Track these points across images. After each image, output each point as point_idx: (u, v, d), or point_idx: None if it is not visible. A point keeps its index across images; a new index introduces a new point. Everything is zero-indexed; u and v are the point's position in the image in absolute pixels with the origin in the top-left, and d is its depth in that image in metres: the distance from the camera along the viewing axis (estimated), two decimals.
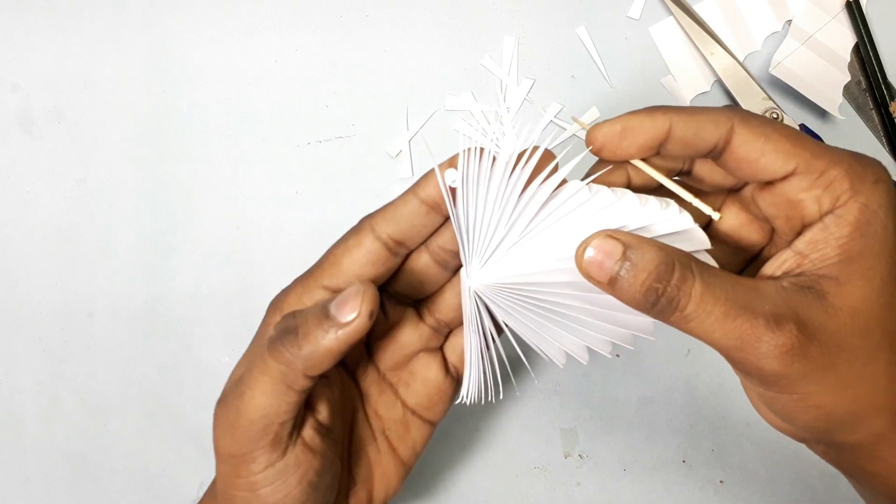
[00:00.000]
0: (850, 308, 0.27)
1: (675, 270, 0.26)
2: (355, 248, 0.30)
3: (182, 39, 0.48)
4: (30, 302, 0.47)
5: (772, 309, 0.26)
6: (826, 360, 0.26)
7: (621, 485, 0.45)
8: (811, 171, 0.27)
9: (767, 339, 0.26)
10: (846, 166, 0.27)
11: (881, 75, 0.45)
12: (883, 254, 0.27)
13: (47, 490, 0.47)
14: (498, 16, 0.47)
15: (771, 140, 0.27)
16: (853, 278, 0.27)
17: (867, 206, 0.26)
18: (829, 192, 0.27)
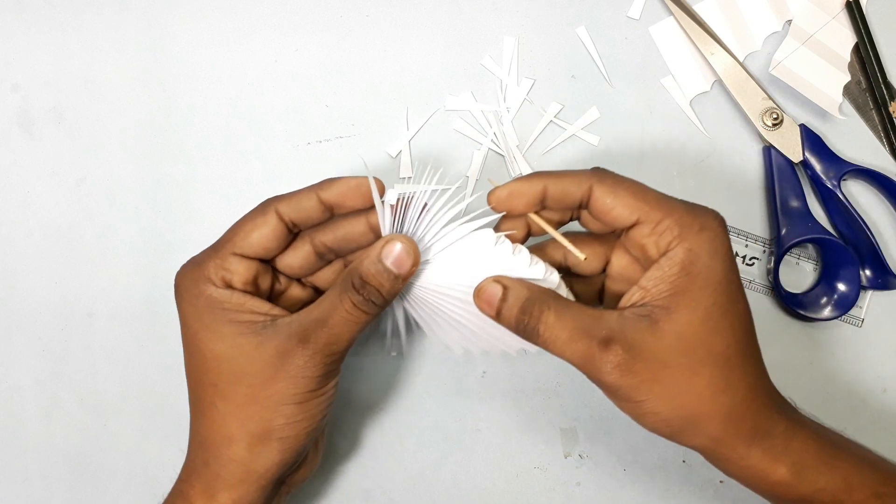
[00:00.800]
0: (676, 332, 0.33)
1: (535, 306, 0.35)
2: (263, 224, 0.37)
3: (182, 39, 0.48)
4: (30, 302, 0.47)
5: (606, 334, 0.33)
6: (651, 374, 0.33)
7: (621, 485, 0.45)
8: (650, 221, 0.34)
9: (599, 357, 0.33)
10: (677, 216, 0.34)
11: (881, 75, 0.46)
12: (706, 288, 0.33)
13: (47, 490, 0.47)
14: (498, 16, 0.47)
15: (619, 196, 0.35)
16: (680, 308, 0.33)
17: (691, 250, 0.33)
18: (663, 238, 0.34)
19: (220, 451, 0.36)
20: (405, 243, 0.36)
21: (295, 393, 0.35)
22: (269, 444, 0.36)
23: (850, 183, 0.46)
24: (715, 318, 0.33)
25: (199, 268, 0.36)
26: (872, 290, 0.46)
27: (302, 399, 0.36)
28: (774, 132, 0.45)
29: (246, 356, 0.35)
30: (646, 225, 0.34)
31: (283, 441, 0.36)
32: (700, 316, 0.33)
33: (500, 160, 0.47)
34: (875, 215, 0.46)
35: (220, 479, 0.36)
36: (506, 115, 0.47)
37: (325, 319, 0.35)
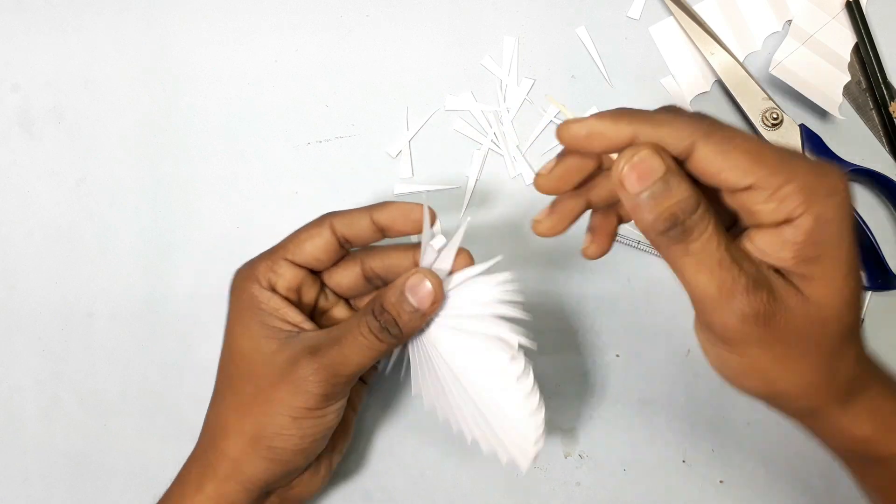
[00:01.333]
0: (816, 301, 0.29)
1: (699, 208, 0.29)
2: (317, 236, 0.38)
3: (182, 39, 0.48)
4: (30, 302, 0.47)
5: (755, 275, 0.29)
6: (782, 335, 0.30)
7: (621, 485, 0.45)
8: (767, 187, 0.28)
9: (742, 297, 0.29)
10: (800, 182, 0.28)
11: (881, 75, 0.45)
12: (839, 258, 0.29)
13: (47, 490, 0.47)
14: (498, 16, 0.47)
15: (730, 157, 0.29)
16: (817, 278, 0.29)
17: (820, 217, 0.29)
18: (784, 205, 0.29)
19: (216, 442, 0.38)
20: (431, 279, 0.35)
21: (292, 405, 0.36)
22: (258, 449, 0.36)
23: (849, 183, 0.46)
24: (846, 292, 0.29)
25: (252, 267, 0.38)
26: (872, 290, 0.45)
27: (297, 414, 0.36)
28: (774, 132, 0.45)
29: (262, 358, 0.36)
30: (762, 191, 0.28)
31: (271, 450, 0.36)
32: (836, 289, 0.29)
33: (500, 160, 0.47)
34: (875, 215, 0.46)
35: (210, 469, 0.37)
36: (506, 115, 0.47)
37: (339, 338, 0.36)
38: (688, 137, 0.29)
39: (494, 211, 0.46)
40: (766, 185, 0.28)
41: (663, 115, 0.30)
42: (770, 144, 0.30)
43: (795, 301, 0.29)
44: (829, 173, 0.29)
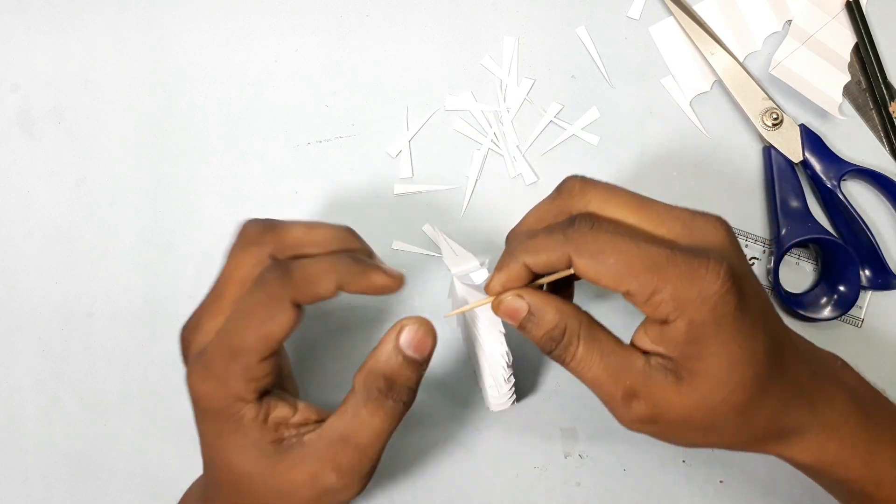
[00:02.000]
0: (699, 394, 0.31)
1: (563, 336, 0.32)
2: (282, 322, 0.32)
3: (182, 39, 0.48)
4: (30, 302, 0.47)
5: (632, 385, 0.32)
6: (671, 429, 0.33)
7: (621, 485, 0.45)
8: (641, 294, 0.30)
9: (623, 406, 0.32)
10: (672, 288, 0.30)
11: (881, 75, 0.45)
12: (723, 354, 0.31)
13: (47, 490, 0.47)
14: (498, 16, 0.47)
15: (601, 270, 0.31)
16: (699, 372, 0.31)
17: (693, 322, 0.30)
18: (659, 310, 0.31)
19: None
20: (421, 323, 0.33)
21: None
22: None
23: (850, 183, 0.46)
24: (735, 377, 0.31)
25: (225, 385, 0.32)
26: (872, 290, 0.46)
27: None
28: (774, 132, 0.45)
29: (277, 477, 0.33)
30: (636, 296, 0.31)
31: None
32: (721, 380, 0.31)
33: (500, 160, 0.47)
34: (875, 215, 0.46)
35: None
36: (506, 115, 0.47)
37: (353, 438, 0.32)
38: (563, 256, 0.31)
39: (494, 211, 0.46)
40: (639, 292, 0.30)
41: (543, 240, 0.32)
42: (643, 245, 0.30)
43: (678, 398, 0.31)
44: (701, 274, 0.30)
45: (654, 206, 0.32)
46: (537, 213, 0.35)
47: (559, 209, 0.33)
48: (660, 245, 0.30)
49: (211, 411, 0.33)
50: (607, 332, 0.33)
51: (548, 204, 0.34)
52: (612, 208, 0.32)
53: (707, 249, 0.31)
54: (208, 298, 0.35)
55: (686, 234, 0.31)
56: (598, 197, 0.32)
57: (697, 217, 0.32)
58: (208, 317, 0.34)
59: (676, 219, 0.32)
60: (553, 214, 0.34)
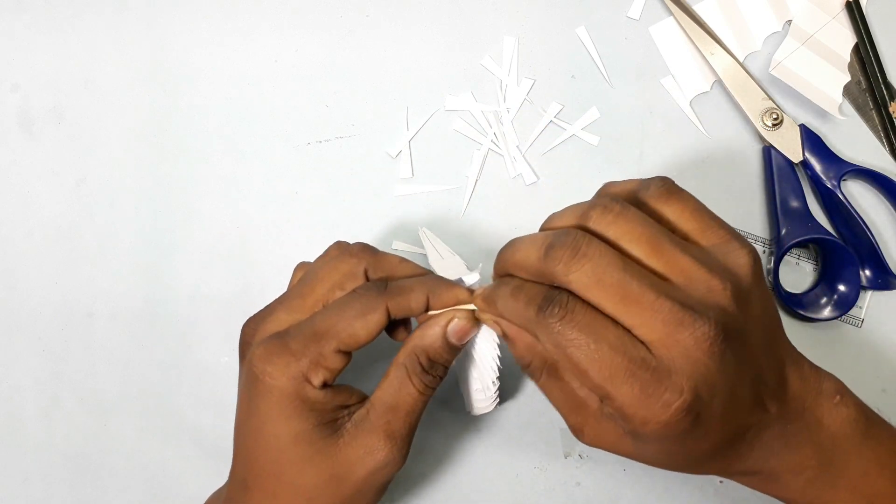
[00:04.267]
0: (651, 450, 0.33)
1: (528, 367, 0.35)
2: (372, 322, 0.34)
3: (182, 39, 0.48)
4: (30, 302, 0.47)
5: (583, 423, 0.34)
6: (625, 455, 0.34)
7: (621, 485, 0.45)
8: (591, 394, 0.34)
9: (575, 434, 0.35)
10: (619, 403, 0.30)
11: (881, 75, 0.45)
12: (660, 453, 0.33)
13: (47, 490, 0.47)
14: (498, 16, 0.47)
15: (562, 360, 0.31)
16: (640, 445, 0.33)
17: (635, 432, 0.31)
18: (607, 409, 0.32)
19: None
20: (469, 317, 0.36)
21: (380, 484, 0.35)
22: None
23: (850, 183, 0.46)
24: (674, 458, 0.33)
25: (296, 362, 0.34)
26: (872, 290, 0.45)
27: (383, 488, 0.36)
28: (774, 132, 0.45)
29: (330, 459, 0.34)
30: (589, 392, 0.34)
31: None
32: (660, 455, 0.33)
33: (500, 160, 0.47)
34: (875, 215, 0.46)
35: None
36: (506, 115, 0.47)
37: (399, 406, 0.35)
38: (531, 330, 0.33)
39: (494, 211, 0.46)
40: (589, 393, 0.34)
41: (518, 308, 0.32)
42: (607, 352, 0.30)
43: (624, 446, 0.33)
44: (650, 404, 0.29)
45: (641, 301, 0.30)
46: (526, 254, 0.33)
47: (543, 272, 0.32)
48: (624, 355, 0.29)
49: (275, 389, 0.34)
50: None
51: (535, 256, 0.32)
52: (592, 295, 0.30)
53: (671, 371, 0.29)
54: (290, 294, 0.37)
55: (664, 341, 0.30)
56: (580, 281, 0.30)
57: (686, 323, 0.29)
58: (286, 310, 0.36)
59: (661, 322, 0.29)
60: (537, 271, 0.32)
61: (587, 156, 0.47)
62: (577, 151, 0.47)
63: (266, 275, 0.46)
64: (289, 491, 0.34)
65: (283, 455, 0.34)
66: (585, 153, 0.47)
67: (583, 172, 0.47)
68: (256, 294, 0.46)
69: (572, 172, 0.46)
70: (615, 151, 0.47)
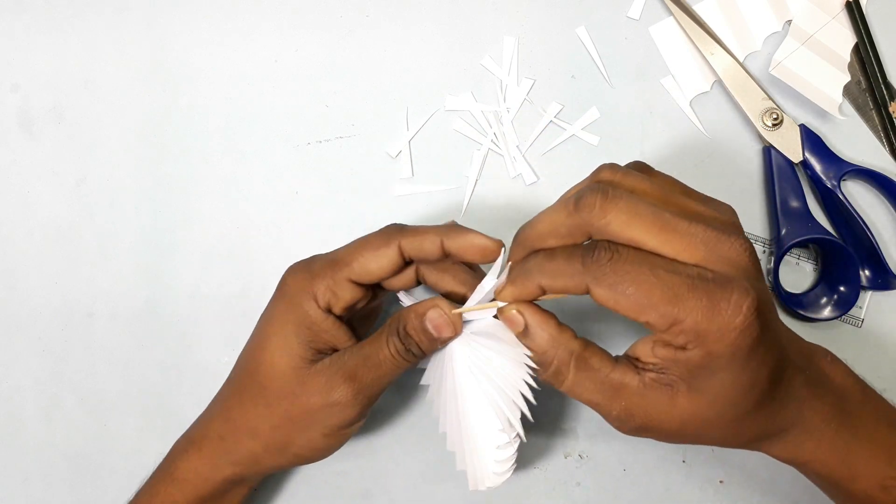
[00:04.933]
0: (693, 411, 0.32)
1: (552, 364, 0.34)
2: (384, 256, 0.37)
3: (182, 39, 0.48)
4: (30, 302, 0.47)
5: (626, 406, 0.33)
6: (665, 437, 0.34)
7: (621, 485, 0.45)
8: (660, 325, 0.30)
9: (617, 423, 0.34)
10: (690, 322, 0.30)
11: (881, 75, 0.45)
12: (724, 382, 0.31)
13: (47, 490, 0.47)
14: (498, 16, 0.47)
15: (620, 301, 0.31)
16: (698, 391, 0.32)
17: (709, 353, 0.30)
18: (676, 339, 0.31)
19: (240, 437, 0.38)
20: (447, 313, 0.36)
21: (327, 425, 0.37)
22: (283, 454, 0.38)
23: (849, 183, 0.46)
24: (736, 397, 0.32)
25: (310, 279, 0.37)
26: (872, 290, 0.45)
27: (331, 432, 0.37)
28: (774, 132, 0.45)
29: (300, 380, 0.37)
30: (656, 327, 0.31)
31: (296, 457, 0.39)
32: (722, 398, 0.32)
33: (500, 160, 0.47)
34: (875, 215, 0.46)
35: (228, 455, 0.39)
36: (506, 115, 0.47)
37: (371, 358, 0.37)
38: (581, 285, 0.32)
39: (494, 211, 0.46)
40: (657, 324, 0.30)
41: (560, 266, 0.32)
42: (663, 276, 0.30)
43: (672, 411, 0.32)
44: (723, 311, 0.29)
45: (677, 228, 0.30)
46: (552, 220, 0.33)
47: (577, 225, 0.32)
48: (680, 274, 0.30)
49: (287, 295, 0.37)
50: (601, 356, 0.34)
51: (565, 215, 0.32)
52: (632, 231, 0.31)
53: (730, 277, 0.30)
54: (329, 253, 0.38)
55: (709, 259, 0.30)
56: (618, 219, 0.31)
57: (722, 239, 0.31)
58: (320, 262, 0.38)
59: (700, 242, 0.30)
60: (569, 229, 0.32)
61: (587, 156, 0.47)
62: (577, 151, 0.47)
63: (266, 275, 0.46)
64: (255, 389, 0.38)
65: (269, 357, 0.37)
66: (585, 153, 0.47)
67: (583, 172, 0.46)
68: (256, 294, 0.46)
69: (572, 172, 0.46)
70: (615, 151, 0.47)
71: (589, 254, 0.31)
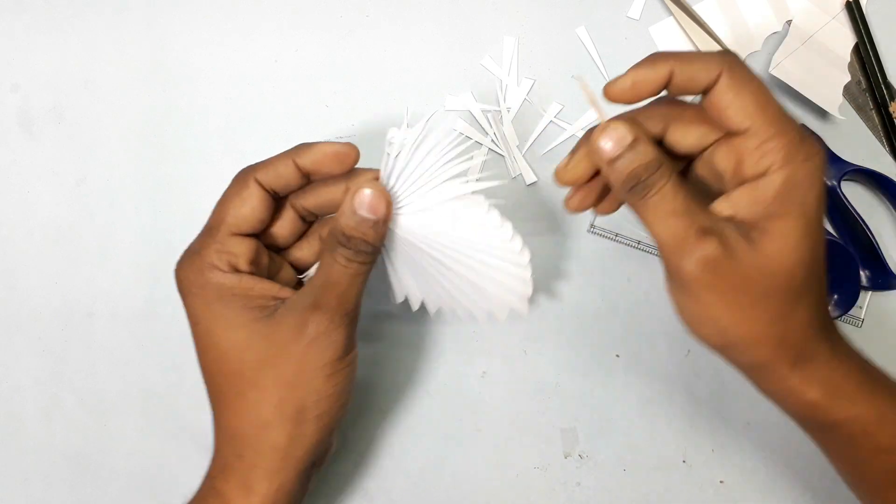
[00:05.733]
0: (767, 255, 0.32)
1: (659, 168, 0.33)
2: (249, 197, 0.36)
3: (182, 39, 0.48)
4: (30, 302, 0.47)
5: (708, 225, 0.32)
6: (732, 282, 0.32)
7: (621, 485, 0.45)
8: (759, 135, 0.32)
9: (693, 243, 0.32)
10: (787, 139, 0.32)
11: (881, 75, 0.45)
12: (800, 219, 0.32)
13: (47, 490, 0.47)
14: (498, 16, 0.47)
15: (740, 96, 0.32)
16: (773, 233, 0.32)
17: (791, 179, 0.32)
18: (766, 158, 0.32)
19: (256, 441, 0.36)
20: (373, 188, 0.35)
21: (322, 364, 0.35)
22: (305, 425, 0.36)
23: (849, 183, 0.46)
24: (801, 249, 0.32)
25: (200, 256, 0.36)
26: (872, 290, 0.45)
27: (329, 370, 0.35)
28: None
29: (266, 340, 0.35)
30: (754, 137, 0.32)
31: (318, 419, 0.36)
32: (790, 245, 0.32)
33: (500, 160, 0.47)
34: (875, 215, 0.46)
35: (257, 470, 0.36)
36: (506, 115, 0.47)
37: (327, 282, 0.35)
38: (716, 68, 0.32)
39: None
40: (758, 132, 0.32)
41: (693, 53, 0.33)
42: (775, 101, 0.32)
43: (745, 251, 0.32)
44: (810, 141, 0.32)
45: (777, 106, 0.33)
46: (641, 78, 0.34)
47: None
48: (785, 112, 0.33)
49: (194, 287, 0.36)
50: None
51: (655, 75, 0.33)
52: (743, 97, 0.33)
53: None
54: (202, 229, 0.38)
55: (799, 136, 0.33)
56: (740, 70, 0.33)
57: (806, 132, 0.34)
58: (196, 240, 0.38)
59: (793, 124, 0.33)
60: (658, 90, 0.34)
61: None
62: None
63: None
64: (233, 386, 0.36)
65: (223, 344, 0.36)
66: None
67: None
68: None
69: None
70: None
71: (728, 52, 0.33)
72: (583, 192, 0.37)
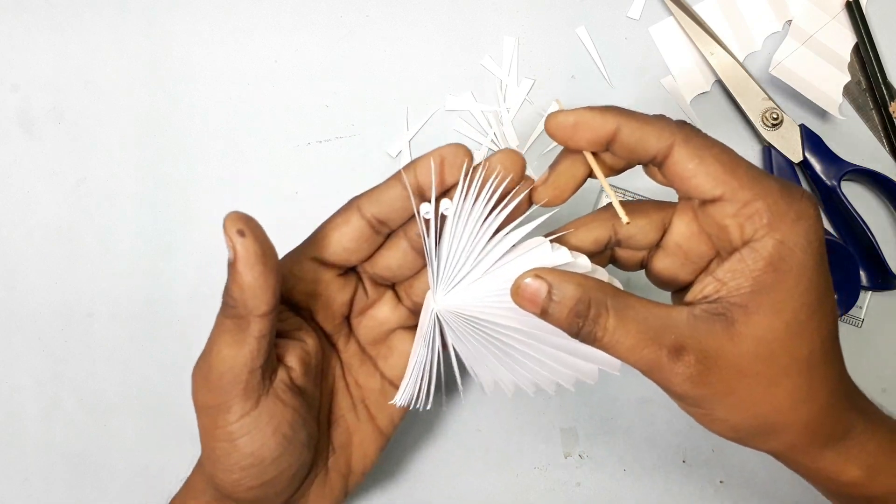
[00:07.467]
0: (756, 336, 0.29)
1: (590, 308, 0.30)
2: (343, 224, 0.33)
3: (182, 39, 0.48)
4: (30, 302, 0.47)
5: (676, 340, 0.29)
6: (726, 386, 0.29)
7: (621, 485, 0.45)
8: (736, 200, 0.29)
9: (669, 367, 0.29)
10: (770, 201, 0.28)
11: (881, 75, 0.45)
12: (796, 287, 0.29)
13: (47, 490, 0.47)
14: (498, 16, 0.47)
15: (704, 163, 0.29)
16: (762, 309, 0.29)
17: (783, 243, 0.28)
18: (750, 223, 0.28)
19: (216, 471, 0.36)
20: (240, 220, 0.32)
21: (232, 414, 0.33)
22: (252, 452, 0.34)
23: (849, 183, 0.46)
24: (801, 320, 0.29)
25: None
26: (872, 290, 0.45)
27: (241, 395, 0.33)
28: (774, 132, 0.45)
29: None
30: (730, 204, 0.28)
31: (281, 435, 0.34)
32: (785, 319, 0.28)
33: None
34: (875, 215, 0.46)
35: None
36: (506, 115, 0.47)
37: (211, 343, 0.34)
38: (668, 138, 0.29)
39: None
40: (735, 197, 0.29)
41: (648, 116, 0.30)
42: (745, 160, 0.29)
43: (732, 344, 0.29)
44: (797, 197, 0.29)
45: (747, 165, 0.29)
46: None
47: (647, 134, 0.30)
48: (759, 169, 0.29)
49: None
50: (638, 297, 0.30)
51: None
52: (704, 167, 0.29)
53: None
54: None
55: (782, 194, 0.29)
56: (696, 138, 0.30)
57: (791, 187, 0.29)
58: None
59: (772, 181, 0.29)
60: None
61: None
62: None
63: None
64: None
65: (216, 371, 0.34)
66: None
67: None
68: None
69: None
70: None
71: (684, 122, 0.30)
72: (555, 185, 0.34)
